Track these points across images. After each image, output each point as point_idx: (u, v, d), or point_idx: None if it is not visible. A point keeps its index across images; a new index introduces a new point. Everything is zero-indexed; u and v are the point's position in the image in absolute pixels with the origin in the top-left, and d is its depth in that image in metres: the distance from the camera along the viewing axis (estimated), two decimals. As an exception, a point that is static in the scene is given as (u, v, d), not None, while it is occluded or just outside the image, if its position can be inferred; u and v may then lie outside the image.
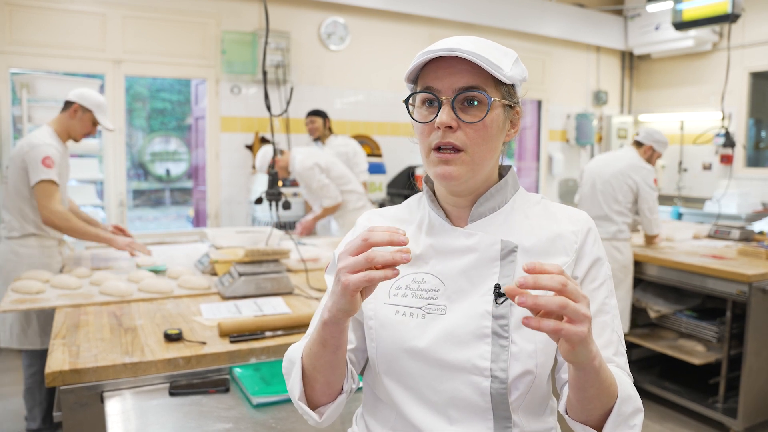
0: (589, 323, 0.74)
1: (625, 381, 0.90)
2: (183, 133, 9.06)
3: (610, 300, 0.99)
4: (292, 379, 0.99)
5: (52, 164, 2.74)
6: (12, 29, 4.32)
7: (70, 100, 2.88)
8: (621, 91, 7.79)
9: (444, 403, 0.94)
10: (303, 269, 2.62)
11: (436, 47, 0.90)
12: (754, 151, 6.90)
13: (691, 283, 3.33)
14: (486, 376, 0.91)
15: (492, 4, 6.20)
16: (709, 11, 4.37)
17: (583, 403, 0.86)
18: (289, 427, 1.39)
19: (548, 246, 0.97)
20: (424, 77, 0.94)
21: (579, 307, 0.72)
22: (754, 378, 3.10)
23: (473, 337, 0.92)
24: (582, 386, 0.83)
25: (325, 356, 0.94)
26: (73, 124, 2.88)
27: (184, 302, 2.20)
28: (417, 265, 0.99)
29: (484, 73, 0.92)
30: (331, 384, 0.98)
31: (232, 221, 5.30)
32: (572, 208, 1.04)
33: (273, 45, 5.14)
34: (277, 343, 1.76)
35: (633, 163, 3.66)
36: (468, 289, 0.95)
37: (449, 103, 0.91)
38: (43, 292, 2.25)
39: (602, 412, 0.87)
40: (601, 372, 0.81)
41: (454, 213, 1.01)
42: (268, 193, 2.49)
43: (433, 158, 0.93)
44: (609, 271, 1.01)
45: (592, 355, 0.78)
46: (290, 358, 1.01)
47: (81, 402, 1.52)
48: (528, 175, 7.52)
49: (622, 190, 3.64)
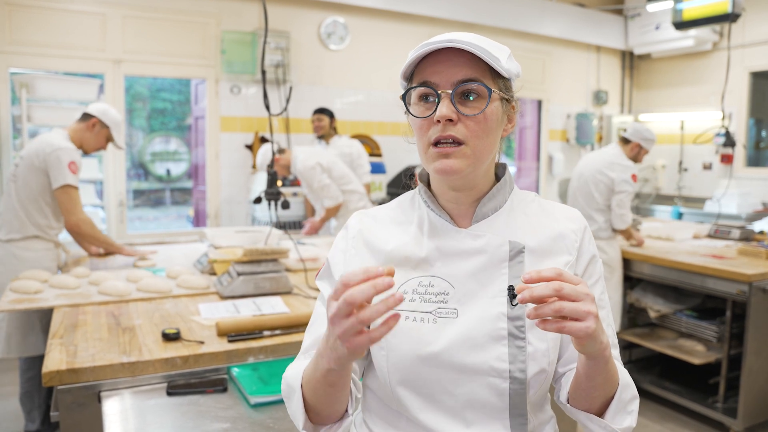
0: (595, 318, 0.76)
1: (622, 369, 0.94)
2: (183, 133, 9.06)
3: (604, 295, 1.03)
4: (294, 406, 0.95)
5: (76, 170, 2.78)
6: (12, 29, 4.32)
7: (91, 114, 2.92)
8: (621, 91, 7.78)
9: (460, 406, 0.93)
10: (302, 269, 2.62)
11: (435, 39, 0.90)
12: (755, 150, 6.89)
13: (691, 282, 3.33)
14: (504, 378, 0.91)
15: (492, 3, 6.19)
16: (710, 11, 4.37)
17: (590, 391, 0.89)
18: (286, 426, 1.39)
19: (552, 245, 0.98)
20: (420, 73, 0.93)
21: (579, 306, 0.75)
22: (754, 378, 3.09)
23: (489, 340, 0.92)
24: (592, 375, 0.87)
25: (331, 394, 0.90)
26: (89, 136, 2.92)
27: (183, 302, 2.20)
28: (422, 268, 0.97)
29: (482, 65, 0.91)
30: (337, 411, 0.94)
31: (231, 221, 5.30)
32: (566, 206, 1.05)
33: (273, 45, 5.14)
34: (276, 342, 1.75)
35: (611, 161, 3.67)
36: (478, 291, 0.94)
37: (448, 97, 0.90)
38: (42, 292, 2.25)
39: (604, 400, 0.91)
40: (609, 361, 0.85)
41: (456, 212, 1.00)
42: (267, 193, 2.49)
43: (432, 153, 0.92)
44: (602, 269, 1.04)
45: (602, 346, 0.81)
46: (289, 383, 0.96)
47: (78, 402, 1.52)
48: (528, 175, 7.51)
49: (598, 188, 3.66)
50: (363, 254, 1.02)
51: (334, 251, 1.06)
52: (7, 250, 2.78)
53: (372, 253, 1.01)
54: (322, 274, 1.06)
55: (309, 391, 0.92)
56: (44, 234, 2.83)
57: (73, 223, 2.79)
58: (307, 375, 0.92)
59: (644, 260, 3.61)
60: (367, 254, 1.01)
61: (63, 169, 2.73)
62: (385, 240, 1.01)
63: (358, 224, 1.05)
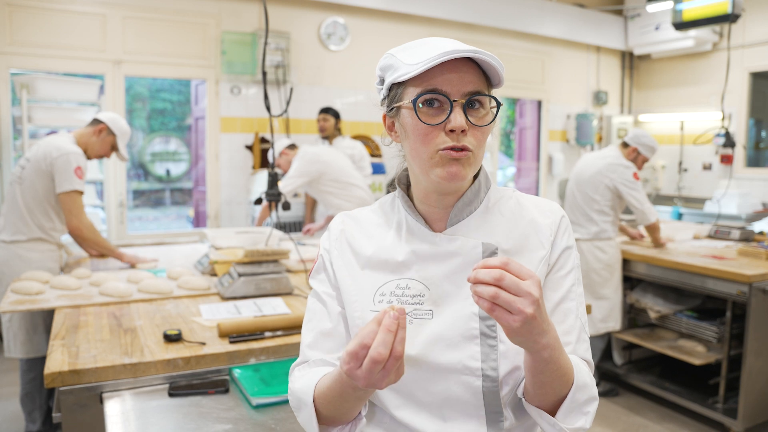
0: (527, 318, 0.76)
1: (582, 370, 0.92)
2: (183, 134, 9.06)
3: (577, 288, 1.01)
4: (305, 418, 0.96)
5: (82, 175, 2.81)
6: (12, 30, 4.32)
7: (100, 119, 2.95)
8: (621, 91, 7.79)
9: (438, 403, 0.96)
10: (303, 270, 2.62)
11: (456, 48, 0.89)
12: (754, 151, 6.90)
13: (691, 283, 3.33)
14: (477, 375, 0.94)
15: (492, 4, 6.20)
16: (709, 11, 4.37)
17: (536, 387, 0.89)
18: (288, 427, 1.39)
19: (526, 242, 1.00)
20: (428, 78, 0.92)
21: (513, 300, 0.76)
22: (754, 378, 3.10)
23: (462, 339, 0.94)
24: (533, 371, 0.87)
25: (357, 406, 0.93)
26: (95, 142, 2.95)
27: (184, 303, 2.20)
28: (399, 272, 1.00)
29: (482, 76, 0.94)
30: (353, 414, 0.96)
31: (232, 222, 5.30)
32: (544, 200, 1.06)
33: (273, 45, 5.14)
34: (277, 343, 1.75)
35: (611, 162, 3.65)
36: (453, 292, 0.97)
37: (461, 106, 0.91)
38: (43, 293, 2.25)
39: (556, 398, 0.90)
40: (550, 362, 0.84)
41: (432, 216, 1.01)
42: (268, 194, 2.49)
43: (439, 159, 0.92)
44: (577, 260, 1.03)
45: (538, 346, 0.81)
46: (299, 397, 0.97)
47: (80, 403, 1.52)
48: (528, 176, 7.52)
49: (599, 190, 3.65)
50: (346, 255, 1.05)
51: (321, 250, 1.09)
52: (11, 252, 2.78)
53: (353, 254, 1.05)
54: (315, 271, 1.09)
55: (326, 406, 0.94)
56: (48, 236, 2.84)
57: (74, 226, 2.81)
58: (323, 393, 0.93)
59: (644, 261, 3.62)
60: (349, 255, 1.05)
61: (69, 175, 2.76)
62: (365, 243, 1.04)
63: (341, 225, 1.09)
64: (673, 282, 3.45)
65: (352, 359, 0.79)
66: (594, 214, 3.67)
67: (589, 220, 3.68)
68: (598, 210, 3.66)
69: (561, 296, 0.99)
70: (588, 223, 3.68)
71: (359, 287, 1.01)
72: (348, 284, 1.02)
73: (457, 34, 6.08)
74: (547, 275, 0.99)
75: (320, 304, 1.05)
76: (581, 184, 3.75)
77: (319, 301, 1.06)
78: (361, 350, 0.78)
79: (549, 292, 0.99)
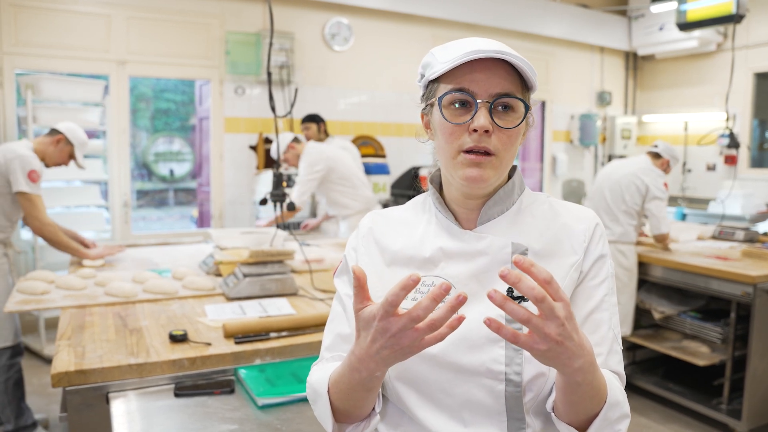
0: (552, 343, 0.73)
1: (615, 386, 0.89)
2: (187, 134, 9.07)
3: (610, 298, 0.98)
4: (321, 410, 0.96)
5: (37, 179, 2.88)
6: (17, 30, 4.34)
7: (58, 130, 3.04)
8: (625, 92, 7.78)
9: (458, 406, 0.94)
10: (307, 270, 2.62)
11: (481, 48, 0.88)
12: (759, 151, 6.88)
13: (695, 284, 3.33)
14: (500, 379, 0.91)
15: (496, 4, 6.20)
16: (714, 12, 4.36)
17: (566, 405, 0.86)
18: (294, 428, 1.39)
19: (558, 246, 0.97)
20: (456, 77, 0.91)
21: (544, 325, 0.72)
22: (758, 379, 3.09)
23: (487, 341, 0.91)
24: (564, 391, 0.84)
25: (366, 398, 0.92)
26: (52, 150, 3.03)
27: (189, 303, 2.21)
28: (426, 268, 0.98)
29: (516, 78, 0.92)
30: (366, 410, 0.96)
31: (235, 222, 5.31)
32: (578, 206, 1.04)
33: (277, 46, 5.15)
34: (282, 344, 1.76)
35: (645, 167, 3.73)
36: (479, 292, 0.94)
37: (486, 107, 0.90)
38: (49, 293, 2.26)
39: (587, 416, 0.87)
40: (583, 385, 0.80)
41: (463, 215, 1.00)
42: (273, 194, 2.49)
43: (463, 160, 0.92)
44: (611, 269, 1.00)
45: (569, 370, 0.77)
46: (315, 388, 0.98)
47: (86, 403, 1.53)
48: (532, 176, 7.51)
49: (629, 190, 3.68)
50: (372, 252, 1.04)
51: (348, 249, 1.09)
52: None
53: (380, 251, 1.03)
54: (339, 271, 1.09)
55: (338, 396, 0.93)
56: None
57: (36, 227, 2.90)
58: (336, 382, 0.93)
59: (648, 261, 3.61)
60: (376, 252, 1.04)
61: (22, 176, 2.83)
62: (393, 240, 1.03)
63: (370, 222, 1.08)
64: (677, 283, 3.44)
65: (383, 314, 0.77)
66: (621, 214, 3.70)
67: (614, 219, 3.71)
68: (626, 211, 3.70)
69: (593, 306, 0.96)
70: (613, 223, 3.71)
71: (384, 284, 0.99)
72: (373, 282, 0.99)
73: (460, 35, 6.08)
74: (579, 284, 0.96)
75: (340, 307, 1.05)
76: (612, 183, 3.78)
77: (339, 304, 1.05)
78: (390, 306, 0.76)
79: (581, 301, 0.95)
